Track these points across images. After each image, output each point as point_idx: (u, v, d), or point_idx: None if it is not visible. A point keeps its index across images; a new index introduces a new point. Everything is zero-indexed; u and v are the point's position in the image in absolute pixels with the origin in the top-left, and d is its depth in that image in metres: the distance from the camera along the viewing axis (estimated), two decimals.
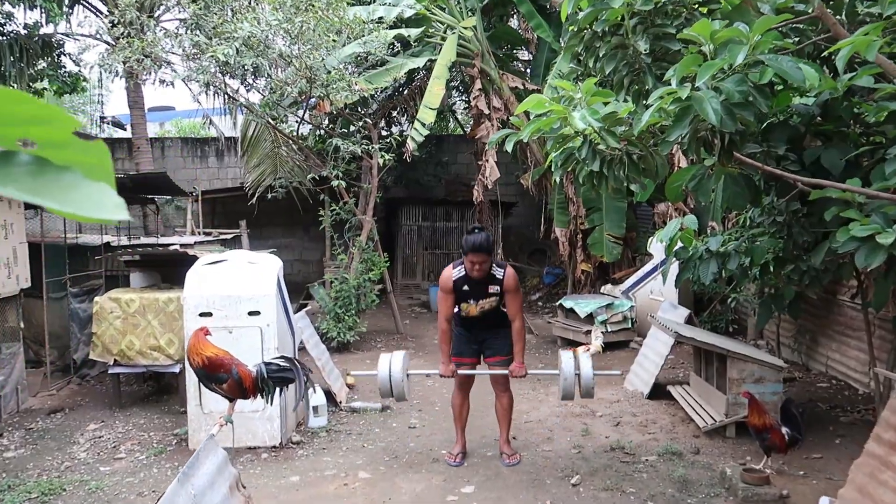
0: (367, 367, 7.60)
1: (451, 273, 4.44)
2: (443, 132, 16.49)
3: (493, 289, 4.37)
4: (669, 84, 2.86)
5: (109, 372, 5.80)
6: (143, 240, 10.16)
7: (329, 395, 5.83)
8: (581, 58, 3.97)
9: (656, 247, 8.20)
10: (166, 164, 14.34)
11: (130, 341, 5.64)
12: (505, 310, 4.46)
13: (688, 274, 5.39)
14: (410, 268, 13.31)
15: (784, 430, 4.12)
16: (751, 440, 4.61)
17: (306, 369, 3.47)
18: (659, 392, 5.80)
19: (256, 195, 11.43)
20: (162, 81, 8.07)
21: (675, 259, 5.69)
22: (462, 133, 15.17)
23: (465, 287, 4.39)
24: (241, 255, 5.04)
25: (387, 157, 7.80)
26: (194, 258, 5.67)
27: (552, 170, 4.17)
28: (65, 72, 12.58)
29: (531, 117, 3.75)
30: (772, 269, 5.21)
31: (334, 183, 7.81)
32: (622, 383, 6.36)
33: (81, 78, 12.86)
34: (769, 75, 2.71)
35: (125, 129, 16.39)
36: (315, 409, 5.30)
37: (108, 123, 20.24)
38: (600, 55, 3.43)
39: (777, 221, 4.66)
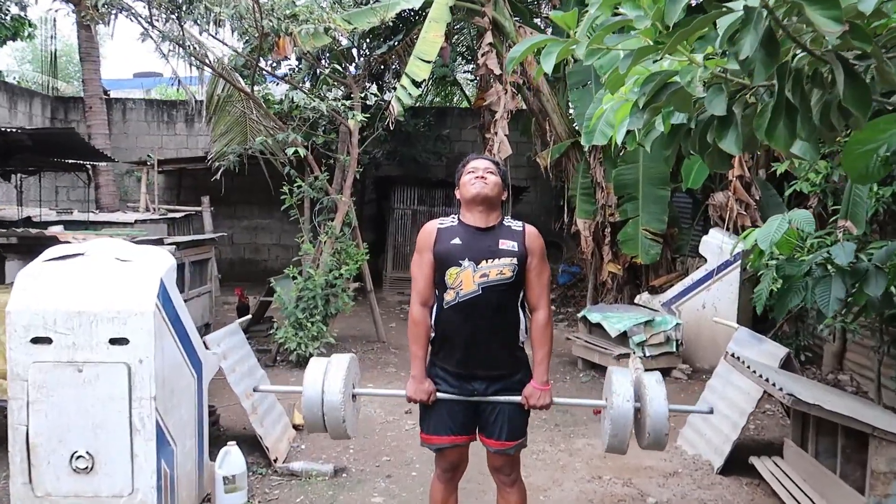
0: None
1: (435, 223, 2.72)
2: (446, 103, 14.64)
3: (508, 245, 2.59)
4: None
5: None
6: (78, 216, 8.40)
7: (259, 446, 4.07)
8: None
9: (710, 247, 6.40)
10: (127, 129, 12.55)
11: None
12: (520, 316, 2.67)
13: (796, 297, 3.59)
14: (403, 258, 11.49)
15: None
16: None
17: None
18: (736, 462, 4.01)
19: (222, 168, 9.65)
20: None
21: (766, 272, 3.93)
22: (468, 105, 13.31)
23: (457, 240, 2.60)
24: (107, 247, 3.24)
25: (359, 116, 5.99)
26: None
27: (625, 118, 2.39)
28: (6, 16, 10.75)
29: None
30: None
31: (290, 151, 5.99)
32: (675, 440, 4.58)
33: (27, 23, 11.02)
34: None
35: (107, 94, 14.40)
36: (228, 479, 3.53)
37: None
38: None
39: None
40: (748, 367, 3.54)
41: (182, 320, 3.30)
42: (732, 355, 3.75)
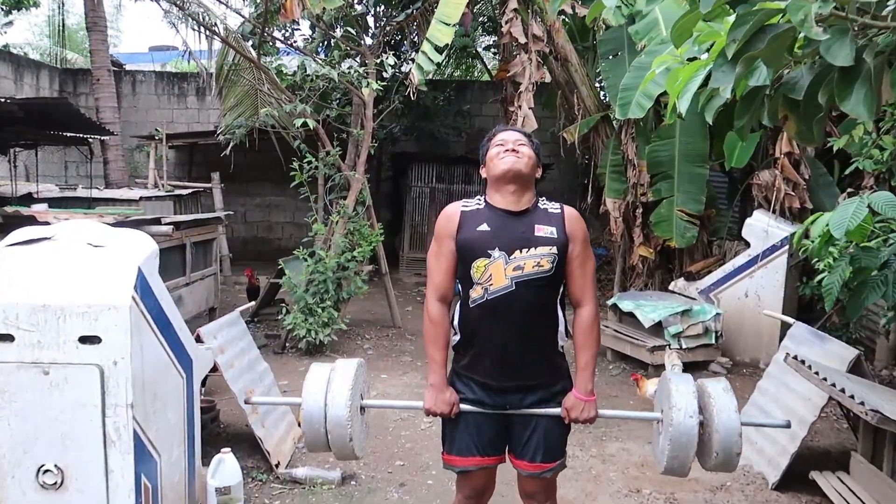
0: None
1: (458, 206, 2.28)
2: (466, 77, 14.10)
3: (545, 231, 2.17)
4: None
5: None
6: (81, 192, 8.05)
7: (260, 450, 3.69)
8: None
9: (755, 231, 5.89)
10: (137, 102, 12.18)
11: None
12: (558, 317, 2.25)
13: (874, 293, 3.11)
14: (420, 238, 11.09)
15: None
16: None
17: None
18: (793, 475, 3.56)
19: (232, 143, 9.28)
20: None
21: (837, 263, 3.45)
22: (489, 79, 12.75)
23: (485, 226, 2.17)
24: (79, 230, 2.83)
25: (374, 85, 5.52)
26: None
27: (690, 80, 1.96)
28: None
29: None
30: None
31: (298, 122, 5.55)
32: None
33: None
34: None
35: (122, 67, 13.96)
36: (221, 491, 3.14)
37: None
38: None
39: None
40: (816, 372, 3.07)
41: (167, 313, 2.90)
42: (795, 357, 3.28)
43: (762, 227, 5.74)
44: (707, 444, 2.17)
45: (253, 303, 4.71)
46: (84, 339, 2.56)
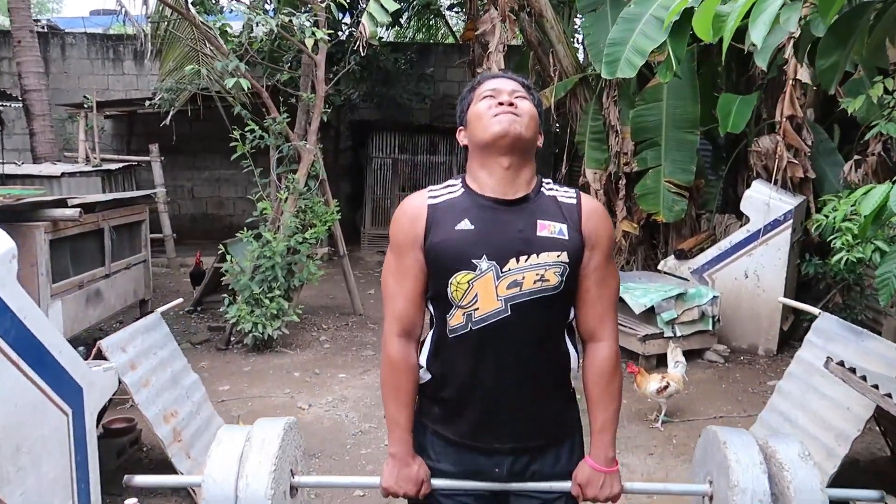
0: (295, 383, 4.75)
1: (422, 197, 1.55)
2: (429, 39, 13.25)
3: (552, 229, 1.47)
4: None
5: None
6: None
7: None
8: None
9: (755, 204, 5.31)
10: (67, 68, 11.07)
11: None
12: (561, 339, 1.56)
13: None
14: (382, 213, 10.34)
15: None
16: None
17: None
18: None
19: (171, 112, 8.42)
20: None
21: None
22: (454, 41, 11.95)
23: (466, 223, 1.46)
24: None
25: (319, 34, 4.73)
26: None
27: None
28: None
29: None
30: None
31: (230, 82, 4.74)
32: None
33: None
34: None
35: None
36: None
37: (41, 27, 16.85)
38: None
39: None
40: (875, 386, 2.47)
41: (34, 334, 2.14)
42: (841, 363, 2.68)
43: (763, 200, 5.15)
44: None
45: (179, 300, 3.92)
46: None
